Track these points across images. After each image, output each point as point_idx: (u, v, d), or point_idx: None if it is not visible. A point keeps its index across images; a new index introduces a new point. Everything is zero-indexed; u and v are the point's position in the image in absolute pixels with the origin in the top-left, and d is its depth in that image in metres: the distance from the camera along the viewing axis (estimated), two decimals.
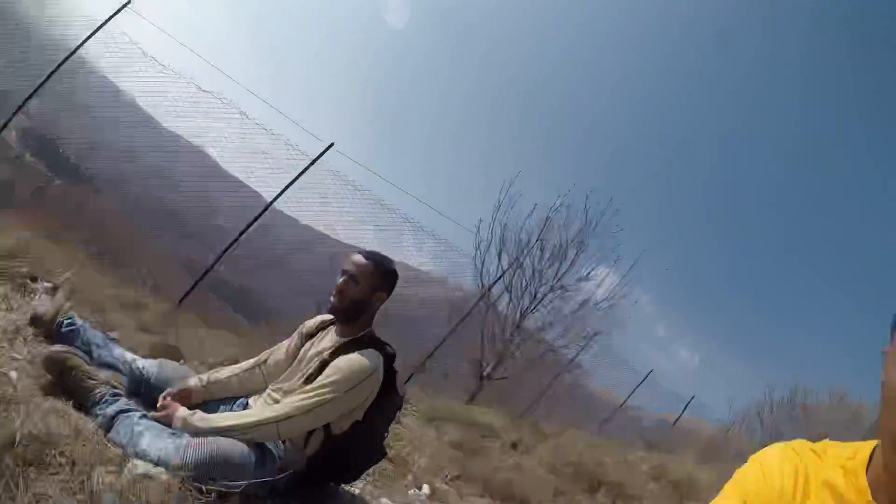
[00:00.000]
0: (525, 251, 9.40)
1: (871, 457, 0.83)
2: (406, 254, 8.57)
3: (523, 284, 9.51)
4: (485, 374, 9.08)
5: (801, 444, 0.93)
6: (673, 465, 6.24)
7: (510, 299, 9.45)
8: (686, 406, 14.39)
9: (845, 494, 0.83)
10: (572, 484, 4.95)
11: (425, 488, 3.44)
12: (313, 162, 6.86)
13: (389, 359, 2.30)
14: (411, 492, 3.29)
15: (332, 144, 6.87)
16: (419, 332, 9.43)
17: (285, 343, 2.50)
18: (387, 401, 2.34)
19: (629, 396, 12.48)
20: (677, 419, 14.09)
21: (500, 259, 9.32)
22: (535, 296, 9.53)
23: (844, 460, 0.87)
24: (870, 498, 0.81)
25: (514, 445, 5.67)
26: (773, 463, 0.91)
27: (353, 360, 2.15)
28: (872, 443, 0.84)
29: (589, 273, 9.79)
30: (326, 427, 2.20)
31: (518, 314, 9.42)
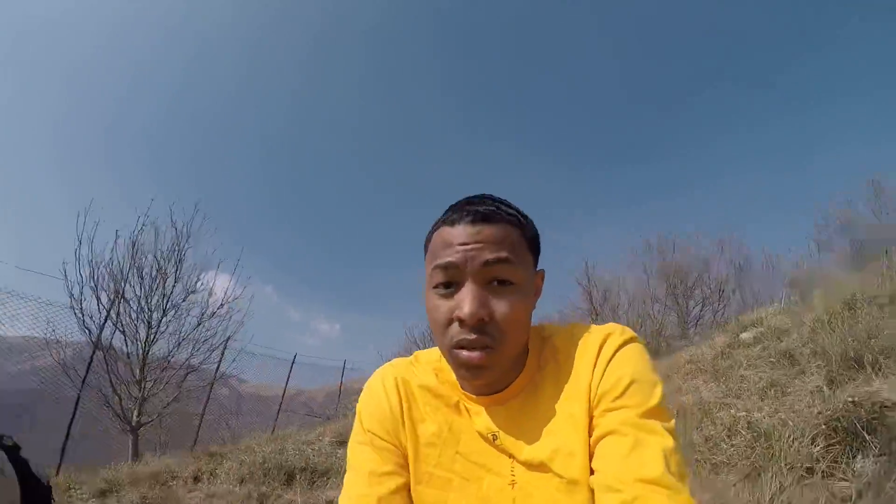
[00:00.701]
0: (123, 282, 8.54)
1: None
2: None
3: (133, 317, 8.69)
4: (134, 423, 8.16)
5: (398, 361, 1.05)
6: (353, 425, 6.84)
7: (125, 337, 8.56)
8: (343, 371, 15.45)
9: (439, 390, 0.98)
10: (269, 484, 5.07)
11: None
12: None
13: (11, 450, 2.00)
14: None
15: None
16: (50, 408, 7.98)
17: None
18: (35, 495, 2.05)
19: (286, 385, 12.81)
20: (340, 386, 15.10)
21: (99, 299, 8.29)
22: (150, 324, 8.83)
23: (434, 363, 1.01)
24: (459, 388, 0.96)
25: (196, 479, 5.45)
26: (378, 385, 1.01)
27: None
28: None
29: (196, 283, 9.45)
30: None
31: (140, 349, 8.63)
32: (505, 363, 0.88)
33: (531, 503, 0.88)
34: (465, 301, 0.84)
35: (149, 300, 8.85)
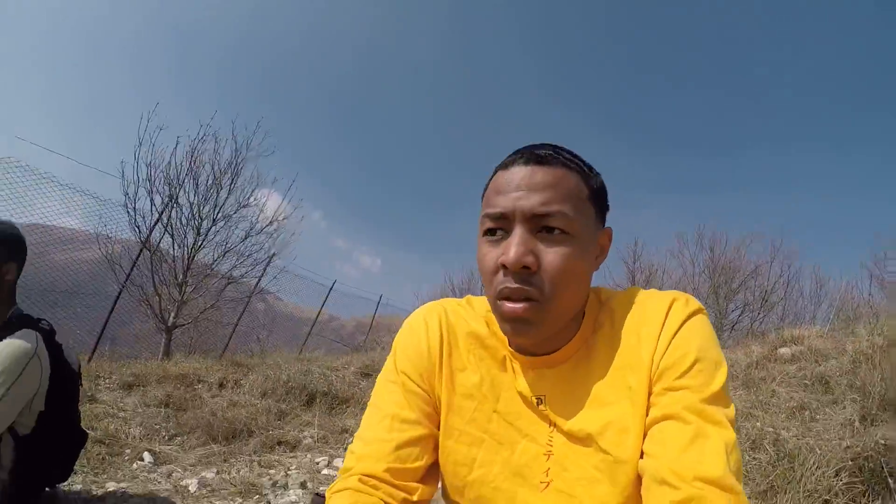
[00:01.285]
0: (178, 187, 8.70)
1: None
2: (46, 214, 7.46)
3: (184, 222, 8.89)
4: (170, 324, 8.41)
5: (448, 301, 0.98)
6: (380, 360, 6.88)
7: (173, 241, 8.77)
8: (378, 306, 15.70)
9: (488, 341, 0.91)
10: (289, 402, 5.14)
11: (147, 456, 3.21)
12: None
13: (48, 334, 2.01)
14: (135, 466, 3.04)
15: None
16: (89, 299, 8.24)
17: None
18: (63, 379, 2.06)
19: (321, 308, 13.04)
20: (373, 319, 15.34)
21: (152, 201, 8.47)
22: (199, 231, 9.03)
23: (486, 312, 0.94)
24: (507, 344, 0.90)
25: (221, 385, 5.56)
26: (419, 323, 0.95)
27: (7, 346, 1.84)
28: None
29: (249, 198, 9.60)
30: (11, 432, 1.88)
31: (186, 254, 8.83)
32: (553, 321, 0.80)
33: (566, 477, 0.82)
34: (511, 246, 0.77)
35: (201, 208, 9.07)
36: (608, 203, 0.89)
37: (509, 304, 0.78)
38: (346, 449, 4.17)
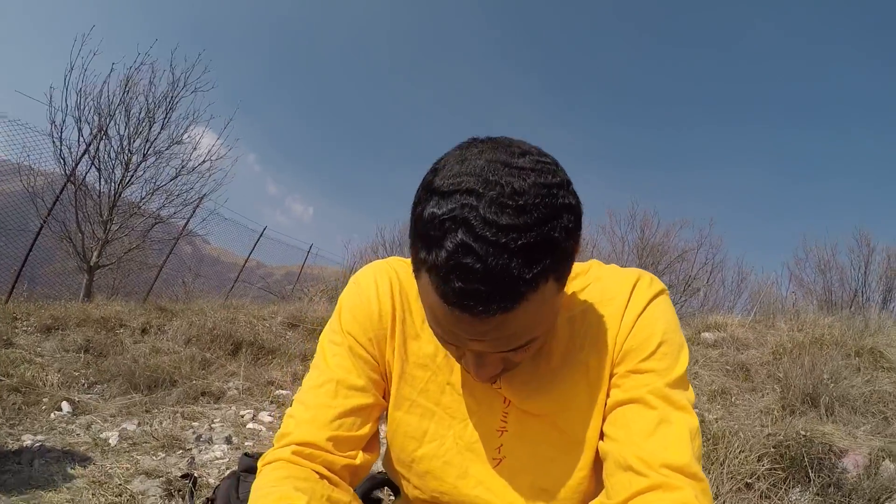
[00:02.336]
0: (108, 118, 8.22)
1: None
2: None
3: (112, 156, 8.43)
4: (92, 264, 8.06)
5: (398, 261, 0.89)
6: (308, 311, 6.85)
7: (100, 175, 8.32)
8: (308, 255, 15.53)
9: None
10: (214, 351, 5.11)
11: (66, 406, 3.16)
12: None
13: None
14: (53, 416, 2.99)
15: None
16: (7, 235, 7.84)
17: None
18: None
19: (250, 255, 12.80)
20: (302, 268, 15.16)
21: (80, 131, 7.94)
22: (128, 166, 8.60)
23: None
24: None
25: (144, 331, 5.45)
26: (369, 284, 0.85)
27: None
28: None
29: (183, 135, 9.18)
30: None
31: (113, 190, 8.42)
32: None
33: (519, 454, 0.81)
34: (471, 367, 0.70)
35: (131, 141, 8.64)
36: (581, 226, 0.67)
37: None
38: (271, 402, 4.26)
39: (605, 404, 0.78)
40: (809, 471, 2.52)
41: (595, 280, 0.83)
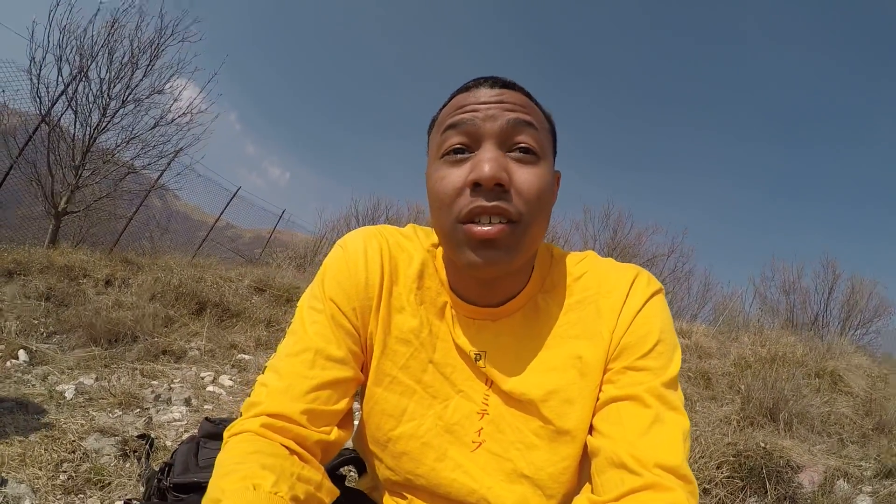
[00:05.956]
0: (90, 59, 7.92)
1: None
2: None
3: (90, 99, 8.15)
4: (60, 209, 7.80)
5: (388, 229, 0.88)
6: (276, 277, 6.77)
7: (76, 118, 8.03)
8: (279, 220, 15.30)
9: (429, 282, 0.83)
10: (178, 309, 5.00)
11: (23, 355, 3.05)
12: None
13: None
14: (9, 364, 2.88)
15: None
16: None
17: None
18: None
19: (221, 214, 12.56)
20: (272, 233, 14.97)
21: (60, 70, 7.62)
22: (105, 112, 8.32)
23: (430, 246, 0.86)
24: (450, 289, 0.83)
25: (108, 283, 5.31)
26: (357, 250, 0.83)
27: None
28: None
29: (165, 84, 8.90)
30: None
31: (88, 135, 8.15)
32: (525, 249, 0.74)
33: (500, 439, 0.79)
34: (484, 161, 0.69)
35: (111, 86, 8.36)
36: (557, 145, 0.83)
37: (480, 228, 0.70)
38: (233, 366, 4.20)
39: (598, 398, 0.77)
40: (767, 482, 2.58)
41: (592, 269, 0.83)
